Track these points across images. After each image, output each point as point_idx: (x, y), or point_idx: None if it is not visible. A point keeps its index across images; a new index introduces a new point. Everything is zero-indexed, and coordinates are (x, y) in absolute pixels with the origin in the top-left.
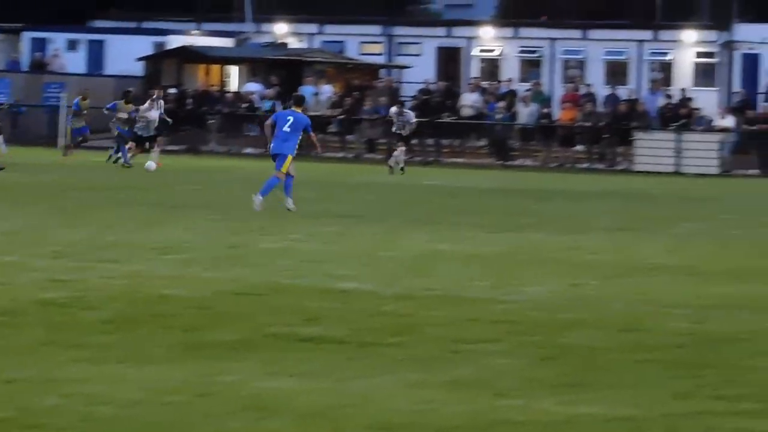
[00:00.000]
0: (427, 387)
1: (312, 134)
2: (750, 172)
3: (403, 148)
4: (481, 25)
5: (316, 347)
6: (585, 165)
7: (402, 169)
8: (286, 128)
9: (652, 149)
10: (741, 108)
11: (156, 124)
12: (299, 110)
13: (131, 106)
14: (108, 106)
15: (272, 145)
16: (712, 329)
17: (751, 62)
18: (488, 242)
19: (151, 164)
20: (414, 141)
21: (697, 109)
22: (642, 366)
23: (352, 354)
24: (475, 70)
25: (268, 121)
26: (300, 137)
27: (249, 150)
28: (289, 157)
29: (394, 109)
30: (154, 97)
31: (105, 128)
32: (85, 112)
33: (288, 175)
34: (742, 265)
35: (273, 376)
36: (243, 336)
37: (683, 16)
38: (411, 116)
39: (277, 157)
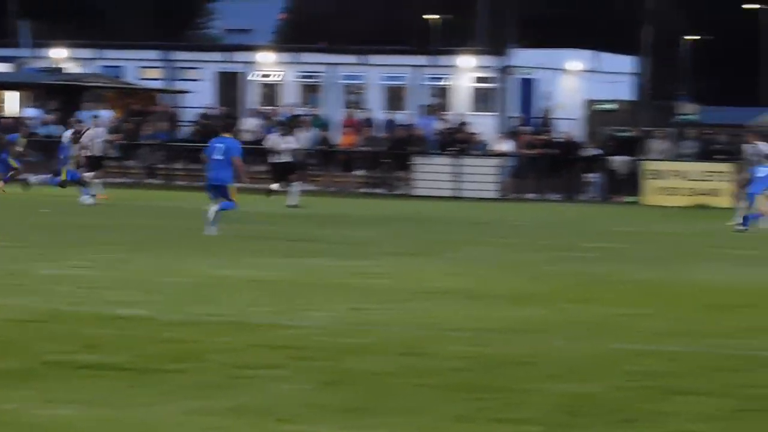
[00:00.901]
0: (210, 414)
1: (239, 160)
2: (528, 196)
3: (298, 180)
4: (260, 51)
5: (96, 374)
6: (364, 190)
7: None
8: (218, 156)
9: (431, 174)
10: (518, 132)
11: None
12: (229, 136)
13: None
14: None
15: (208, 175)
16: (493, 352)
17: (527, 87)
18: (271, 267)
19: (86, 198)
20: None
21: (475, 133)
22: (423, 390)
23: (133, 381)
24: (254, 95)
25: (204, 153)
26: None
27: (28, 176)
28: (231, 187)
29: (273, 136)
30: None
31: None
32: (20, 148)
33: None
34: (521, 288)
35: (52, 404)
36: (21, 364)
37: (460, 42)
38: (293, 141)
39: (215, 189)
